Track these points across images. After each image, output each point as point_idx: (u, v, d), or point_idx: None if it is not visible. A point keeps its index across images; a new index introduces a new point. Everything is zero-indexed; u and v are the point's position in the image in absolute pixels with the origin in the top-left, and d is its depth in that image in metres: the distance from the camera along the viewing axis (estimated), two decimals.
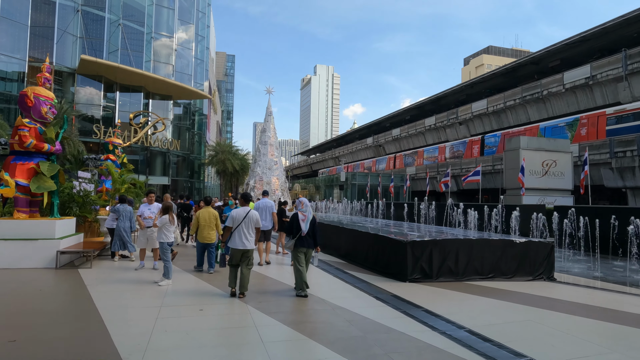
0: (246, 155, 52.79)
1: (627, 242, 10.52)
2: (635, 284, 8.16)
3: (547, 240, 8.21)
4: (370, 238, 9.20)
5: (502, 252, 7.92)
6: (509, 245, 7.99)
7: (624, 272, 9.47)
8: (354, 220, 16.71)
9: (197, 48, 48.46)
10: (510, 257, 7.97)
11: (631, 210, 11.15)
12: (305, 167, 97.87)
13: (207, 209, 8.57)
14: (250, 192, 44.66)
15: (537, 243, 8.12)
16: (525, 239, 8.15)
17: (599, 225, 11.18)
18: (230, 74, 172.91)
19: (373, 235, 9.12)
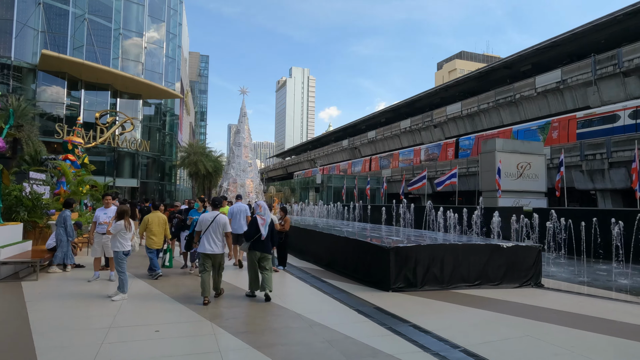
0: (220, 157, 51.47)
1: (610, 244, 10.33)
2: (623, 289, 7.86)
3: (535, 245, 7.82)
4: (350, 244, 8.59)
5: (489, 257, 7.48)
6: (496, 250, 7.55)
7: (608, 275, 9.22)
8: (331, 223, 16.10)
9: (168, 46, 46.90)
10: (498, 262, 7.53)
11: (611, 212, 10.99)
12: (281, 170, 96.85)
13: (155, 214, 8.37)
14: (224, 195, 43.44)
15: (525, 248, 7.72)
16: (513, 244, 7.74)
17: (581, 228, 10.96)
18: (204, 75, 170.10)
19: (353, 240, 8.52)
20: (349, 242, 8.64)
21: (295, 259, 11.01)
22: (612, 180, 25.97)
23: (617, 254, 10.07)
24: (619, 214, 10.65)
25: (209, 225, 6.55)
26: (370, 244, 7.73)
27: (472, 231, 14.05)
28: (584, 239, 10.92)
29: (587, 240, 11.01)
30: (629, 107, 26.19)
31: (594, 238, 10.47)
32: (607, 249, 10.82)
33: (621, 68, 27.41)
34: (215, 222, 6.57)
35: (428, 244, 7.28)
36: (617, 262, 10.14)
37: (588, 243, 10.89)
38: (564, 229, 11.15)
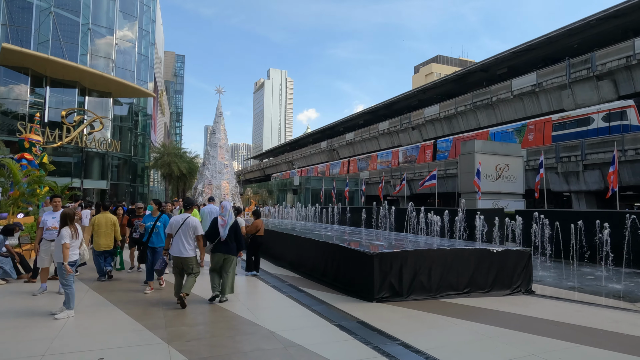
0: (195, 158, 50.07)
1: (595, 247, 10.04)
2: (616, 294, 7.49)
3: (525, 249, 7.36)
4: (330, 249, 7.94)
5: (479, 263, 6.97)
6: (485, 255, 7.05)
7: (597, 280, 8.89)
8: (309, 226, 15.43)
9: (141, 44, 45.29)
10: (487, 268, 7.03)
11: (596, 214, 10.73)
12: (258, 172, 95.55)
13: (104, 215, 8.23)
14: (199, 197, 42.12)
15: (515, 252, 7.25)
16: (503, 248, 7.25)
17: (566, 230, 10.66)
18: (179, 75, 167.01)
19: (333, 246, 7.87)
20: (329, 247, 7.99)
21: (271, 265, 10.29)
22: (587, 182, 26.28)
23: (603, 256, 9.79)
24: (603, 216, 10.40)
25: (179, 228, 6.45)
26: (352, 249, 7.11)
27: (455, 234, 13.64)
28: (570, 242, 10.62)
29: (572, 243, 10.72)
30: (603, 110, 26.60)
31: (579, 241, 10.16)
32: (592, 252, 10.54)
33: (595, 72, 27.85)
34: (185, 225, 6.45)
35: (415, 249, 6.71)
36: (603, 265, 9.87)
37: (574, 245, 10.60)
38: (551, 231, 10.83)
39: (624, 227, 9.90)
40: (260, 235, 9.11)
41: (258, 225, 9.07)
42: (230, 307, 6.09)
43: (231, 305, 6.26)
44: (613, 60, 26.88)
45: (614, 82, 27.39)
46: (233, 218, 6.93)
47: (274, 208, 34.01)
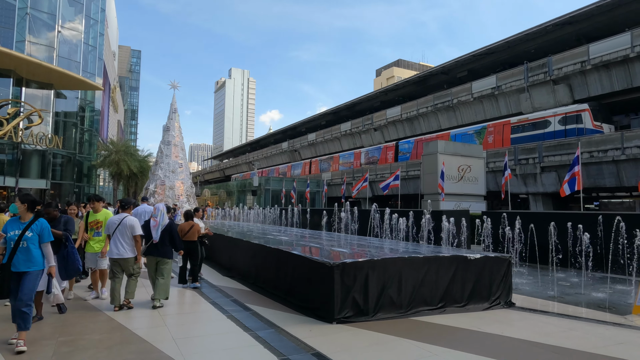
0: (147, 157, 47.29)
1: (567, 251, 9.46)
2: (601, 305, 6.79)
3: (504, 255, 6.52)
4: (283, 258, 6.75)
5: (455, 272, 6.03)
6: (462, 263, 6.12)
7: (574, 287, 8.25)
8: (266, 230, 14.15)
9: (88, 33, 42.09)
10: (464, 278, 6.11)
11: (568, 216, 10.20)
12: (218, 172, 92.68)
13: None
14: (150, 198, 39.61)
15: (494, 259, 6.38)
16: (481, 254, 6.36)
17: (538, 233, 10.06)
18: (135, 71, 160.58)
19: (286, 254, 6.67)
20: (281, 255, 6.79)
21: (218, 276, 8.96)
22: (544, 184, 26.61)
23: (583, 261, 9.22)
24: (576, 218, 9.86)
25: (115, 229, 6.29)
26: (308, 259, 5.94)
27: (421, 238, 12.84)
28: (542, 245, 10.02)
29: (543, 246, 10.13)
30: (559, 114, 27.07)
31: (552, 244, 9.56)
32: (564, 256, 9.97)
33: (551, 76, 28.37)
34: (122, 225, 6.30)
35: (383, 257, 5.65)
36: (575, 269, 9.32)
37: (547, 249, 10.00)
38: (523, 234, 10.19)
39: (596, 229, 9.38)
40: (192, 241, 7.84)
41: (184, 228, 7.81)
42: (151, 335, 4.77)
43: (153, 333, 4.93)
44: (568, 65, 27.46)
45: (569, 87, 28.00)
46: (166, 219, 6.77)
47: (231, 210, 32.33)
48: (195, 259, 7.90)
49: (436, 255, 5.97)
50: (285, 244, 8.13)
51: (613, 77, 25.54)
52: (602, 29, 28.73)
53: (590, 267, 9.13)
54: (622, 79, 25.21)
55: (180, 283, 7.90)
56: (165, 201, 37.20)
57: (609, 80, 25.80)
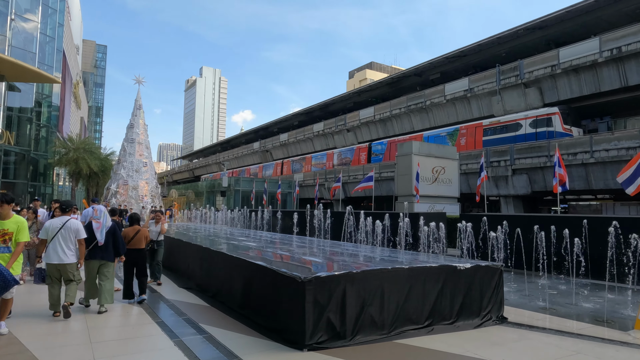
0: (110, 155, 44.98)
1: (549, 256, 8.97)
2: (597, 317, 6.22)
3: (495, 264, 5.84)
4: (247, 269, 5.80)
5: (443, 285, 5.29)
6: (451, 274, 5.40)
7: (563, 296, 7.71)
8: (233, 234, 13.13)
9: (46, 23, 39.54)
10: (453, 291, 5.38)
11: (552, 219, 9.74)
12: (187, 172, 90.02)
13: None
14: (112, 199, 37.58)
15: (485, 269, 5.70)
16: (471, 263, 5.65)
17: (521, 237, 9.55)
18: (100, 67, 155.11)
19: (251, 265, 5.71)
20: (245, 266, 5.83)
21: (174, 287, 7.91)
22: (515, 187, 26.70)
23: (560, 266, 8.74)
24: (561, 221, 9.40)
25: (57, 232, 5.91)
26: (275, 271, 5.03)
27: (398, 242, 12.16)
28: (525, 250, 9.51)
29: (524, 251, 9.62)
30: (530, 117, 27.26)
31: (534, 249, 9.05)
32: (547, 261, 9.49)
33: (522, 79, 28.59)
34: (65, 228, 5.94)
35: (363, 270, 4.83)
36: (557, 275, 8.85)
37: (527, 254, 9.49)
38: (508, 238, 9.65)
39: (581, 233, 8.92)
40: (138, 249, 6.81)
41: (128, 234, 6.82)
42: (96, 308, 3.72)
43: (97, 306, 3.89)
44: (539, 69, 27.72)
45: (540, 90, 28.28)
46: (109, 221, 6.50)
47: (198, 211, 30.90)
48: (143, 271, 6.87)
49: (423, 266, 5.21)
50: (251, 251, 7.20)
51: (582, 81, 25.92)
52: (571, 34, 29.24)
53: (574, 273, 8.68)
54: (590, 84, 25.60)
55: (126, 298, 6.84)
56: (129, 202, 35.30)
57: (578, 84, 26.17)
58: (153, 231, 8.69)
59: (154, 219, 8.90)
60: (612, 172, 22.15)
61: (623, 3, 26.10)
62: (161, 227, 8.74)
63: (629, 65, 23.72)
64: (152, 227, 8.77)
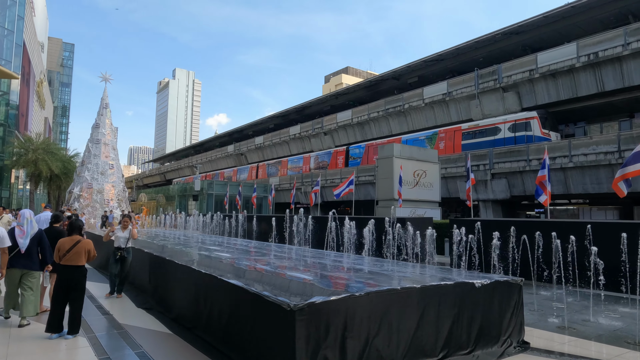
0: (74, 157, 42.51)
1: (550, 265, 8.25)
2: (627, 339, 5.43)
3: (514, 279, 4.97)
4: (218, 290, 4.68)
5: (460, 306, 4.38)
6: (468, 293, 4.49)
7: (577, 312, 6.92)
8: (204, 241, 11.91)
9: (4, 15, 37.00)
10: (471, 313, 4.47)
11: (554, 225, 9.06)
12: (158, 176, 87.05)
13: None
14: (74, 203, 35.44)
15: (504, 285, 4.82)
16: (490, 279, 4.74)
17: (521, 244, 8.81)
18: (67, 65, 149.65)
19: (222, 284, 4.52)
20: (216, 285, 4.67)
21: (131, 308, 6.66)
22: (494, 191, 26.45)
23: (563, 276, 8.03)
24: (560, 227, 8.72)
25: None
26: (256, 296, 3.92)
27: (384, 250, 11.26)
28: (526, 259, 8.78)
29: (522, 260, 8.89)
30: (509, 121, 27.15)
31: (535, 256, 8.32)
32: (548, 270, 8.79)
33: (501, 83, 28.51)
34: None
35: (368, 292, 3.80)
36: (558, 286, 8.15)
37: (524, 263, 8.76)
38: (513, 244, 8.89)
39: (583, 240, 8.24)
40: (75, 267, 5.25)
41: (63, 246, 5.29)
42: None
43: None
44: (517, 73, 27.69)
45: (518, 94, 28.26)
46: (35, 227, 5.97)
47: (169, 216, 29.23)
48: (79, 298, 5.23)
49: (437, 284, 4.26)
50: (225, 264, 6.09)
51: (559, 86, 25.99)
52: (546, 40, 29.45)
53: (573, 283, 8.01)
54: (567, 89, 25.69)
55: (48, 331, 5.15)
56: (93, 206, 33.17)
57: (556, 89, 26.23)
58: (120, 237, 7.80)
59: (122, 223, 7.91)
60: (590, 176, 22.12)
61: (597, 10, 26.42)
62: (132, 232, 7.85)
63: (605, 71, 23.88)
64: (119, 232, 7.86)
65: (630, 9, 25.74)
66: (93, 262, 11.03)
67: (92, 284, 8.33)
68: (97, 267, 11.00)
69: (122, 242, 7.66)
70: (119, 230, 7.80)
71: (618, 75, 23.38)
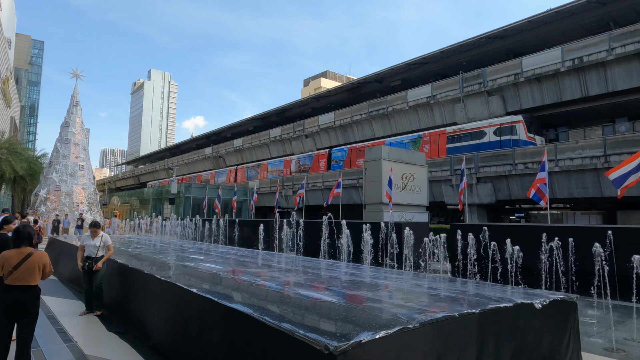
0: (41, 158, 40.20)
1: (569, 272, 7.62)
2: None
3: (569, 297, 4.19)
4: (217, 317, 3.62)
5: (520, 334, 3.52)
6: (526, 315, 3.65)
7: (617, 328, 6.22)
8: (186, 249, 10.79)
9: None
10: (531, 340, 3.62)
11: (566, 230, 8.43)
12: (132, 179, 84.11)
13: None
14: (41, 207, 33.37)
15: (561, 304, 4.03)
16: (548, 297, 3.88)
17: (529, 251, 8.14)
18: (36, 63, 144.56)
19: (221, 309, 3.46)
20: (215, 312, 3.60)
21: (101, 331, 5.56)
22: (479, 195, 26.15)
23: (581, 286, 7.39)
24: (576, 233, 8.09)
25: None
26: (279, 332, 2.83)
27: (381, 257, 10.44)
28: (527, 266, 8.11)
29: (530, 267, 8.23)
30: (494, 125, 26.98)
31: (557, 264, 7.65)
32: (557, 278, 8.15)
33: (486, 87, 28.36)
34: None
35: (422, 322, 2.84)
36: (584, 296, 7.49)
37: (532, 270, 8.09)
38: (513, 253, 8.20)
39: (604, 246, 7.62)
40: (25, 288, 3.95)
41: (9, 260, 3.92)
42: None
43: None
44: (502, 77, 27.59)
45: (503, 98, 28.15)
46: None
47: (143, 221, 27.66)
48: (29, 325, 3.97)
49: (496, 307, 3.41)
50: (215, 280, 5.08)
51: (544, 90, 25.98)
52: (529, 45, 29.56)
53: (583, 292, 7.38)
54: (552, 93, 25.69)
55: None
56: (61, 210, 31.16)
57: (540, 93, 26.21)
58: (90, 245, 6.71)
59: (90, 232, 6.78)
60: (576, 180, 22.03)
61: (580, 16, 26.62)
62: (108, 247, 6.82)
63: (589, 76, 23.96)
64: (89, 240, 6.78)
65: (612, 16, 26.03)
66: (62, 273, 9.74)
67: (54, 300, 7.14)
68: (66, 280, 9.73)
69: (92, 251, 6.58)
70: (88, 237, 6.72)
71: (602, 80, 23.47)
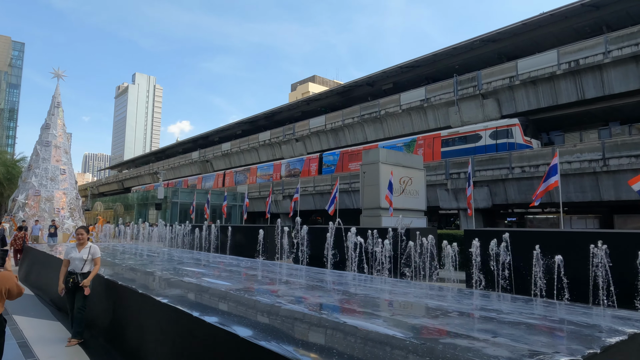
0: (20, 161, 38.57)
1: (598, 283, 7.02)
2: None
3: None
4: None
5: None
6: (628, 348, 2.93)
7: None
8: (183, 259, 9.89)
9: None
10: None
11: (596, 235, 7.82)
12: (116, 184, 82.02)
13: None
14: (19, 212, 31.80)
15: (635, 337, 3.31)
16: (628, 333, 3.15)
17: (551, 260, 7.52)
18: (16, 65, 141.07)
19: None
20: None
21: None
22: (475, 199, 25.64)
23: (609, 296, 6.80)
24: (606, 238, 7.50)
25: None
26: None
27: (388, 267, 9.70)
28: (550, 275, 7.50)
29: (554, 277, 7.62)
30: (490, 128, 26.64)
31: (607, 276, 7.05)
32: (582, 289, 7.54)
33: (480, 90, 28.06)
34: None
35: None
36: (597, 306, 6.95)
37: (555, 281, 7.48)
38: None
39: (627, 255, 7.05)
40: None
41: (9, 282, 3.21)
42: None
43: None
44: (497, 80, 27.32)
45: (498, 101, 27.87)
46: None
47: (127, 227, 26.45)
48: None
49: (618, 340, 2.63)
50: (230, 304, 4.26)
51: (539, 93, 25.76)
52: (522, 48, 29.43)
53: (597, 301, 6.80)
54: (548, 96, 25.48)
55: None
56: (41, 216, 29.66)
57: (536, 96, 25.99)
58: (75, 258, 5.75)
59: (77, 239, 5.88)
60: (574, 184, 21.73)
61: (574, 19, 26.57)
62: (96, 261, 5.84)
63: (585, 79, 23.80)
64: (74, 252, 5.81)
65: (605, 20, 26.00)
66: (39, 286, 8.76)
67: (28, 322, 6.21)
68: (43, 295, 8.74)
69: (77, 265, 5.65)
70: (73, 249, 5.79)
71: (598, 83, 23.32)
